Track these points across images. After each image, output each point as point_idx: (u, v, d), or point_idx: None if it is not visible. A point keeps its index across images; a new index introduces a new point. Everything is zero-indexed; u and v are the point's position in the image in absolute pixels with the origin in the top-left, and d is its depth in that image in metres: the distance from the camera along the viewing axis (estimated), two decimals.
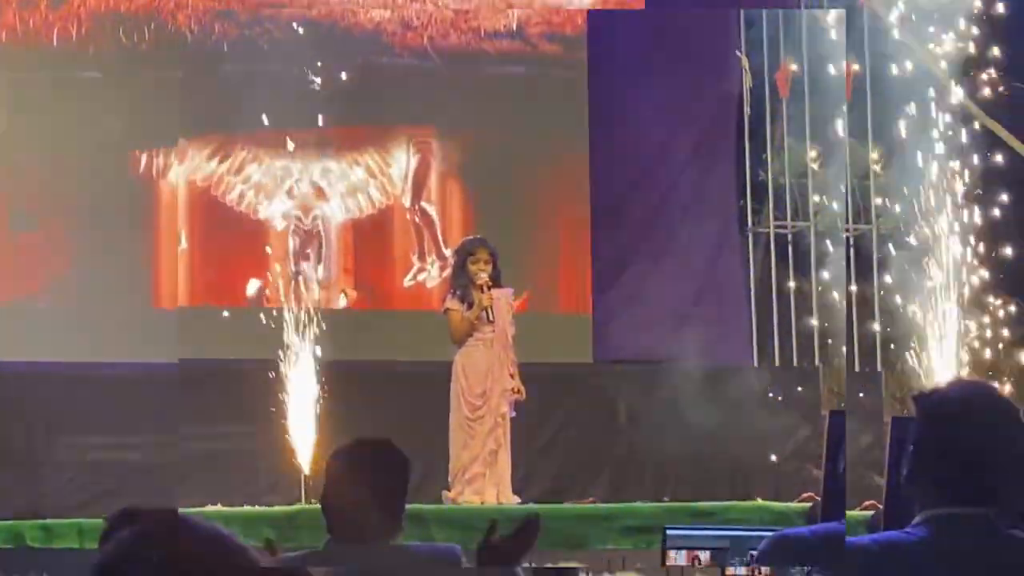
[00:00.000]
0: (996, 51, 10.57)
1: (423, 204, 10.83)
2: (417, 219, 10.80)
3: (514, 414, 8.74)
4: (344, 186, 10.78)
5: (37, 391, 9.55)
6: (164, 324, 9.79)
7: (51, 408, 9.53)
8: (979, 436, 2.75)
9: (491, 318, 8.60)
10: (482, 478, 8.53)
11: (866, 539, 2.79)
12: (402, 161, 10.88)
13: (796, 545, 3.15)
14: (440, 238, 10.76)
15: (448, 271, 9.45)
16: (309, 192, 10.72)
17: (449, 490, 8.59)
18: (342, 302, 10.68)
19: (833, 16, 10.99)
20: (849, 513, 7.83)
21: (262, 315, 9.58)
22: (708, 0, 11.35)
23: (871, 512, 6.96)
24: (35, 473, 9.49)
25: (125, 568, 1.83)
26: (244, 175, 10.65)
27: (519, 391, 8.68)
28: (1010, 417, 2.79)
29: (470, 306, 8.61)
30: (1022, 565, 2.72)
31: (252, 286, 10.51)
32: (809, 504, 7.84)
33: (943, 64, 10.39)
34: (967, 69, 10.45)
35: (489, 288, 8.60)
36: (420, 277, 10.79)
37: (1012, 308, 10.62)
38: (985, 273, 10.40)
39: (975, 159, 10.44)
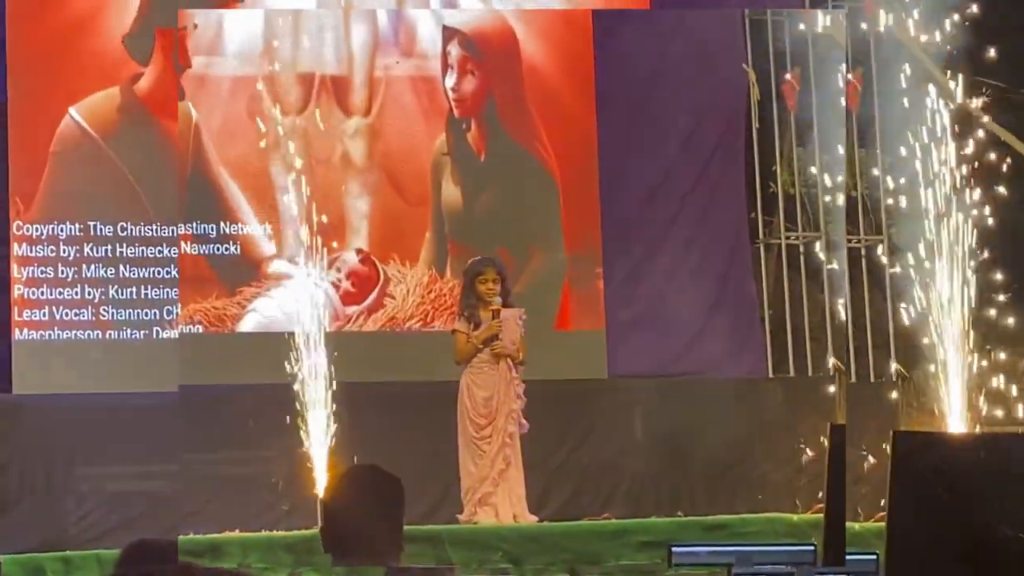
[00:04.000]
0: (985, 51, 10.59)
1: None
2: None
3: (524, 431, 8.73)
4: None
5: (57, 423, 9.61)
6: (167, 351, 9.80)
7: (71, 440, 9.59)
8: None
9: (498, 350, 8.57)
10: (493, 497, 8.51)
11: None
12: None
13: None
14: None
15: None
16: None
17: (461, 512, 8.62)
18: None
19: (833, 19, 11.01)
20: (861, 525, 7.88)
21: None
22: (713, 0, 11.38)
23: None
24: (56, 506, 9.55)
25: None
26: None
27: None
28: None
29: (477, 327, 8.63)
30: None
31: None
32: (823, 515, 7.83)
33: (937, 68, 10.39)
34: (954, 69, 10.43)
35: (498, 313, 8.55)
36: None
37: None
38: (997, 276, 10.38)
39: (976, 162, 10.41)
